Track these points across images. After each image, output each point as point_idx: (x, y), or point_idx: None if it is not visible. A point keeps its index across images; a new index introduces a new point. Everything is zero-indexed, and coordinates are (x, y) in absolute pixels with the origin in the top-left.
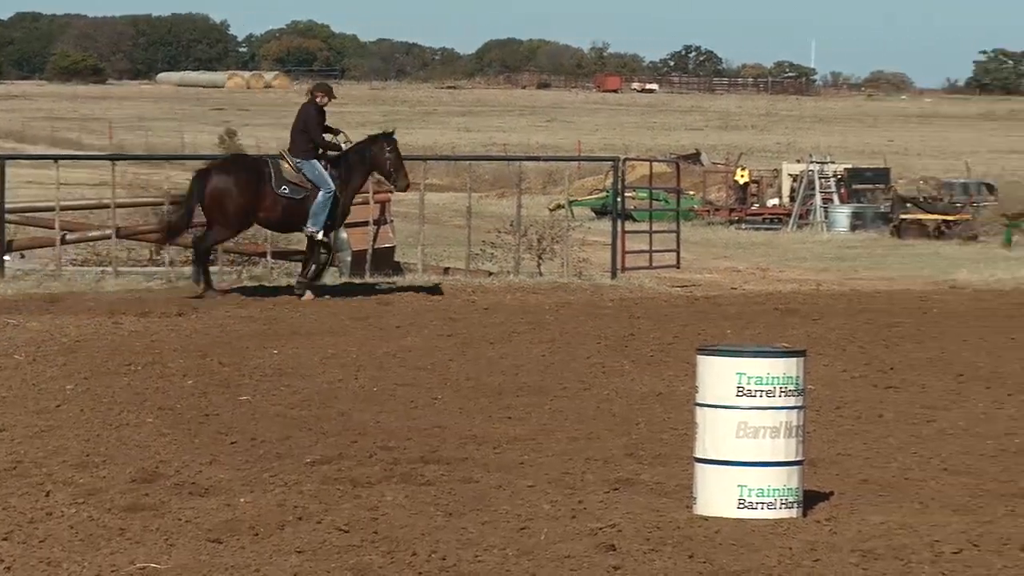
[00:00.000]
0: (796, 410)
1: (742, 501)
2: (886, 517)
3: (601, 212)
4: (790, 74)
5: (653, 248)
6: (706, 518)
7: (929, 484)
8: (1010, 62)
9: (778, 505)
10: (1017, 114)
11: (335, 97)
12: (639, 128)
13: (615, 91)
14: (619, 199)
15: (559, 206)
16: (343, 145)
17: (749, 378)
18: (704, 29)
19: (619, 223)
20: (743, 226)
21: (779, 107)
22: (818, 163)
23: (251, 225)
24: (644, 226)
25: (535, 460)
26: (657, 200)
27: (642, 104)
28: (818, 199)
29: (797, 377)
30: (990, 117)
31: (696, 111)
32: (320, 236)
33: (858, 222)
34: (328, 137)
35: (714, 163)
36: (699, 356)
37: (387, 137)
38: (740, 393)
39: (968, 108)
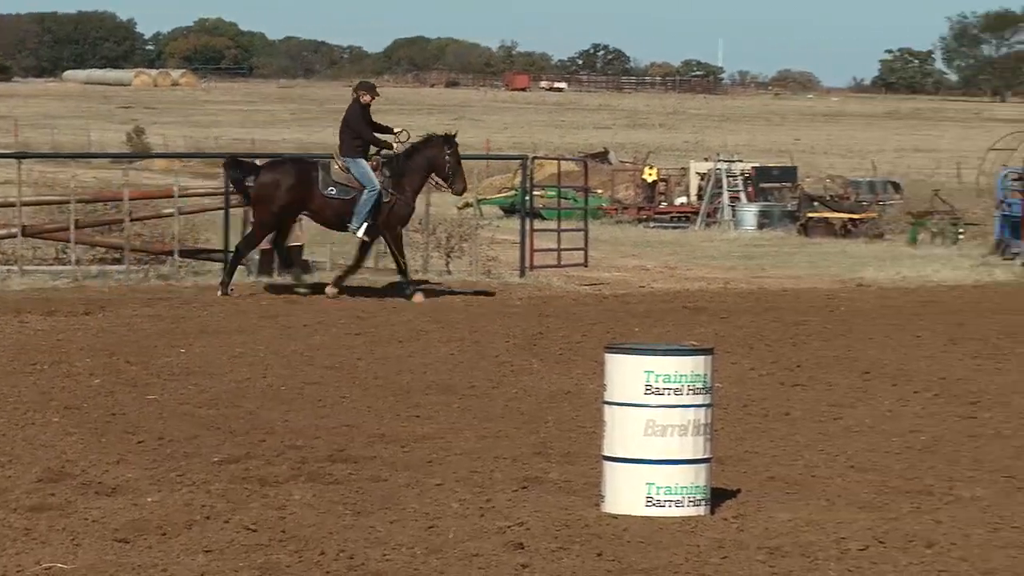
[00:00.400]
0: (704, 408)
1: (650, 499)
2: (793, 514)
3: (510, 210)
4: (698, 73)
5: (561, 246)
6: (614, 516)
7: (835, 481)
8: (915, 61)
9: (686, 503)
10: (922, 113)
11: (378, 95)
12: (547, 127)
13: (524, 90)
14: (528, 197)
15: (468, 204)
16: (394, 144)
17: (657, 376)
18: (612, 28)
19: (527, 221)
20: (651, 224)
21: (687, 106)
22: (726, 162)
23: (289, 224)
24: (552, 224)
25: (443, 459)
26: (565, 199)
27: (551, 103)
28: (726, 197)
29: (705, 375)
30: (896, 116)
31: (604, 110)
32: (360, 234)
33: (765, 220)
34: (381, 136)
35: (622, 162)
36: (607, 354)
37: (447, 139)
38: (648, 391)
39: (874, 107)
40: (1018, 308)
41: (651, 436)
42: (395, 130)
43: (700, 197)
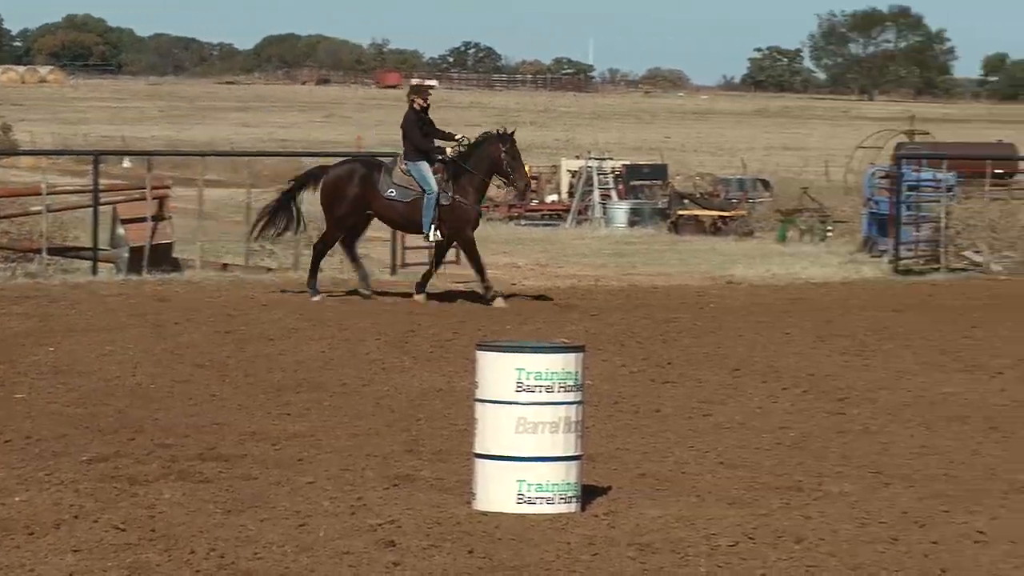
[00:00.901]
0: (575, 405)
1: (521, 496)
2: (663, 511)
3: None
4: (568, 71)
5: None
6: (486, 513)
7: (705, 478)
8: (784, 60)
9: (557, 500)
10: (791, 111)
11: (429, 94)
12: None
13: (395, 87)
14: None
15: None
16: (449, 149)
17: (528, 374)
18: (483, 26)
19: None
20: (522, 222)
21: (557, 104)
22: (596, 159)
23: (362, 224)
24: None
25: (315, 457)
26: None
27: None
28: (596, 195)
29: (576, 372)
30: (765, 114)
31: (475, 107)
32: (431, 238)
33: (636, 218)
34: (439, 143)
35: None
36: (479, 352)
37: (502, 136)
38: (519, 389)
39: (744, 105)
40: (885, 305)
41: (522, 433)
42: (456, 136)
43: (571, 195)
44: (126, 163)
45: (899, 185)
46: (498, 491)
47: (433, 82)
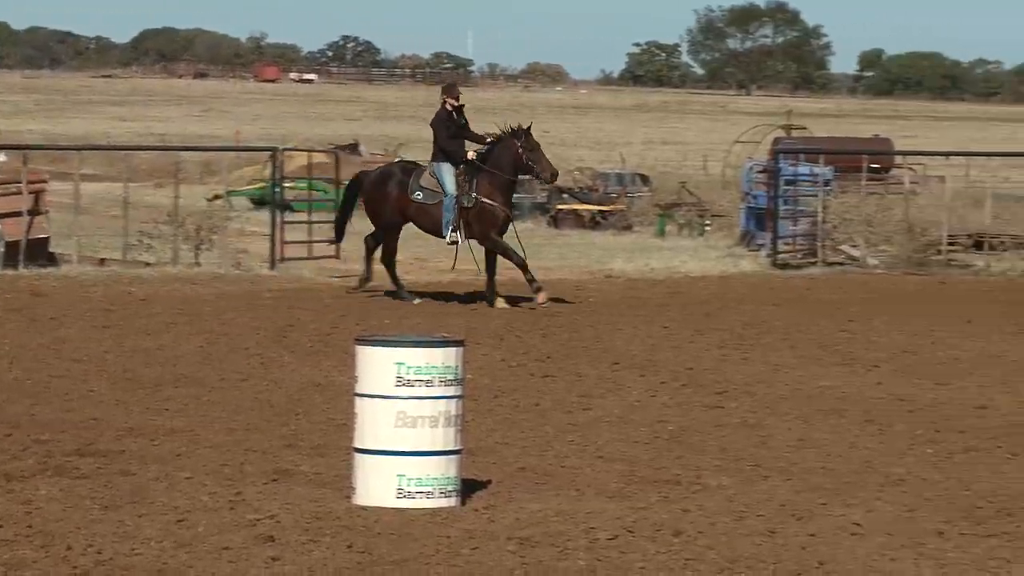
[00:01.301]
0: (455, 399)
1: (401, 491)
2: (543, 505)
3: (260, 202)
4: (448, 65)
5: (313, 238)
6: (365, 508)
7: (585, 472)
8: (662, 54)
9: (437, 494)
10: (669, 105)
11: (457, 93)
12: (298, 118)
13: (274, 81)
14: (278, 189)
15: (217, 196)
16: (471, 152)
17: (408, 368)
18: (362, 20)
19: (278, 213)
20: None
21: (436, 98)
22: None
23: (401, 225)
24: (303, 216)
25: (193, 452)
26: (316, 190)
27: (301, 94)
28: None
29: (456, 367)
30: (644, 109)
31: (354, 102)
32: (448, 240)
33: (516, 212)
34: (470, 145)
35: (373, 153)
36: (358, 346)
37: (516, 132)
38: (399, 383)
39: (622, 100)
40: (763, 299)
41: (402, 428)
42: (487, 139)
43: None
44: (1, 157)
45: (776, 180)
46: (378, 486)
47: (311, 76)
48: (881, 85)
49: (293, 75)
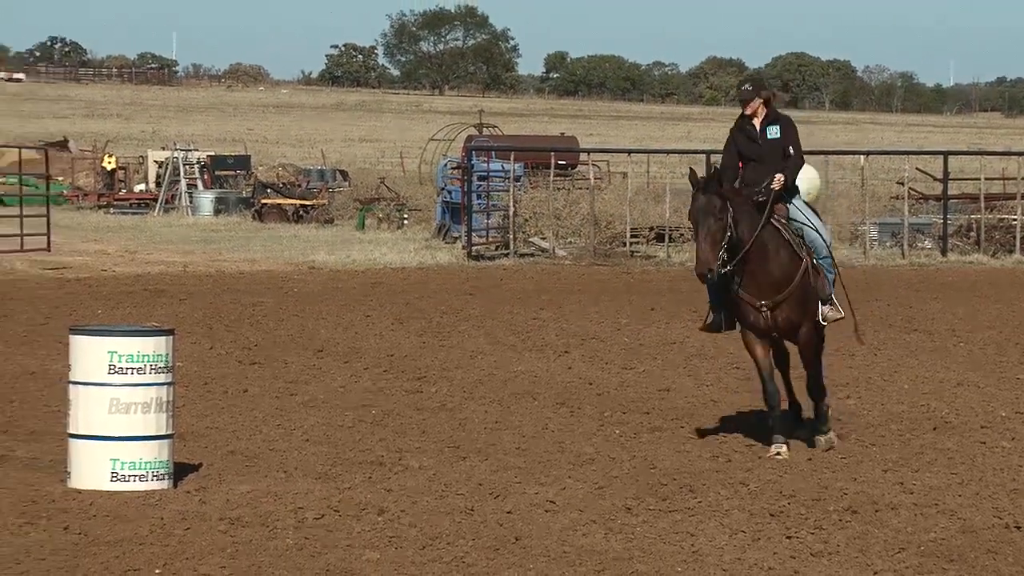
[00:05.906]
0: (166, 386)
1: (115, 474)
2: (253, 486)
3: None
4: (153, 65)
5: (24, 232)
6: (80, 491)
7: (293, 454)
8: (359, 56)
9: (150, 477)
10: (367, 105)
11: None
12: (8, 116)
13: None
14: None
15: None
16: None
17: (120, 356)
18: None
19: None
20: (112, 211)
21: (143, 97)
22: (182, 151)
23: None
24: (15, 211)
25: None
26: (27, 186)
27: (10, 93)
28: (183, 185)
29: (166, 355)
30: (343, 108)
31: (63, 100)
32: None
33: (221, 206)
34: None
35: (82, 150)
36: (71, 336)
37: None
38: (112, 371)
39: (323, 99)
40: (459, 289)
41: (115, 414)
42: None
43: (159, 184)
44: None
45: (470, 175)
46: (92, 470)
47: (20, 75)
48: (566, 86)
49: (2, 74)
